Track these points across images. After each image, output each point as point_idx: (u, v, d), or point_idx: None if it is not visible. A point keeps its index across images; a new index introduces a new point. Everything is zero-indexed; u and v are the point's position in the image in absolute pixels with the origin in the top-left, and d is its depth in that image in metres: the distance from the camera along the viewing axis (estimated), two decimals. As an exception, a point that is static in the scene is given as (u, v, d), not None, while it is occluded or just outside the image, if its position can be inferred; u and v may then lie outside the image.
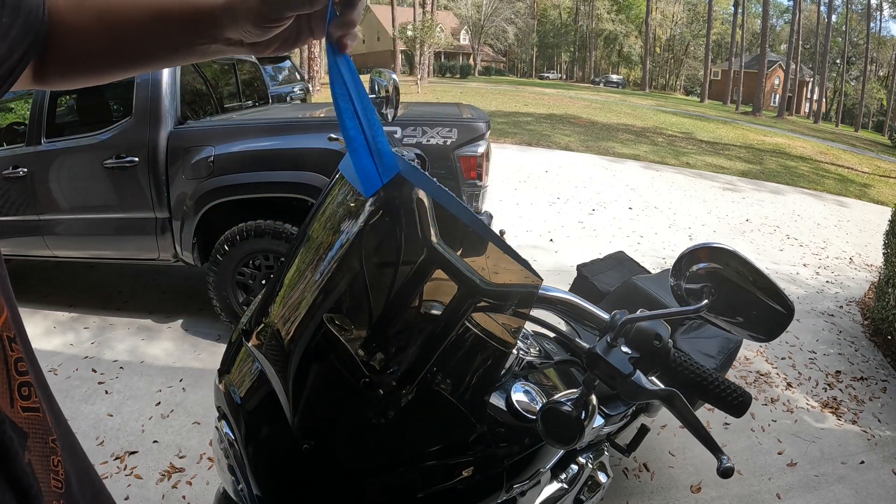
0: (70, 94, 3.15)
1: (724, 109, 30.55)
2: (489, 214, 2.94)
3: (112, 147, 2.78)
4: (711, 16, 39.40)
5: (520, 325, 0.79)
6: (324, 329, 0.82)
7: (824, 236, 6.05)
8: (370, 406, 0.80)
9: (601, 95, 26.99)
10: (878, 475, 2.28)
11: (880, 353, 3.36)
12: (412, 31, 25.42)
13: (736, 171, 9.68)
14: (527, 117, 13.89)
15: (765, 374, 3.00)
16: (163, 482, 2.02)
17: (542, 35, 57.16)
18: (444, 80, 34.10)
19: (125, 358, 2.83)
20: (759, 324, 0.81)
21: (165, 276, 3.83)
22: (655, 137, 12.64)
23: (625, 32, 51.93)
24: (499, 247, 0.75)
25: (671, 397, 0.79)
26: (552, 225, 5.46)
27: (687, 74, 52.81)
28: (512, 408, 0.94)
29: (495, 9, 47.66)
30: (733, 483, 2.17)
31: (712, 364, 1.65)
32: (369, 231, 0.84)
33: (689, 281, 0.81)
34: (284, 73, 9.30)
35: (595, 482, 1.28)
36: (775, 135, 17.10)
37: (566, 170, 8.18)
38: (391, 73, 2.09)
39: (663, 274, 2.04)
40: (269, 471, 0.84)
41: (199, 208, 2.73)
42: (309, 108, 4.32)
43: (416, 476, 0.83)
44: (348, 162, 0.80)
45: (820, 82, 39.87)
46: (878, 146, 21.63)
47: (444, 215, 0.78)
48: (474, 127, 2.81)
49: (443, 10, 44.64)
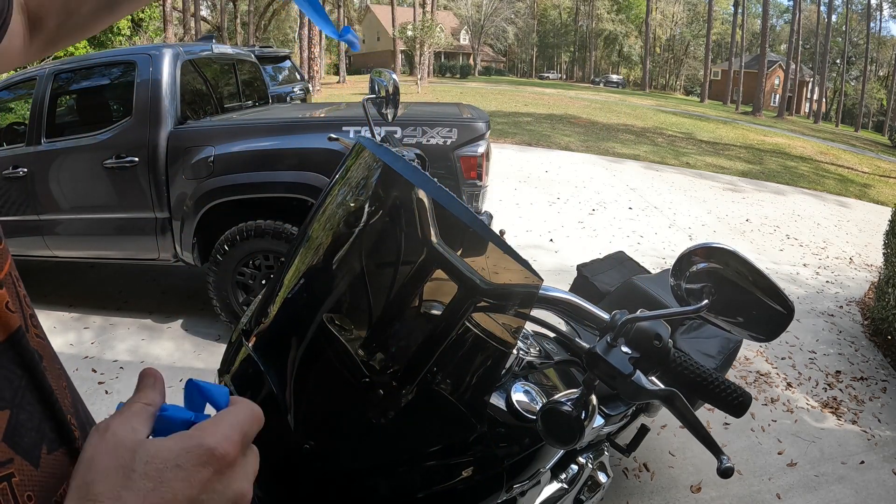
0: (70, 94, 3.15)
1: (724, 109, 30.55)
2: (489, 214, 2.92)
3: (112, 147, 2.78)
4: (711, 16, 39.40)
5: (520, 326, 0.79)
6: (324, 329, 0.82)
7: (824, 236, 6.04)
8: (370, 406, 0.80)
9: (601, 95, 26.99)
10: (878, 475, 2.28)
11: (880, 353, 3.36)
12: (412, 31, 25.43)
13: (736, 171, 9.67)
14: (527, 117, 13.88)
15: (765, 374, 3.00)
16: (163, 482, 2.02)
17: (542, 35, 57.17)
18: (444, 80, 34.11)
19: (125, 358, 2.83)
20: (759, 324, 0.81)
21: (165, 276, 3.83)
22: (655, 137, 12.64)
23: (625, 32, 51.94)
24: (499, 247, 0.75)
25: (671, 397, 0.79)
26: (552, 225, 5.46)
27: (687, 74, 52.81)
28: (512, 408, 0.94)
29: (495, 9, 47.69)
30: (733, 483, 2.17)
31: (712, 364, 1.65)
32: (369, 231, 0.84)
33: (689, 281, 0.81)
34: (284, 73, 9.30)
35: (595, 482, 1.28)
36: (775, 135, 17.10)
37: (566, 170, 8.18)
38: (391, 73, 2.09)
39: (663, 274, 2.05)
40: (270, 471, 0.84)
41: (199, 208, 2.73)
42: (309, 108, 4.32)
43: (417, 476, 0.83)
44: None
45: (820, 82, 39.87)
46: (878, 146, 21.63)
47: (444, 215, 0.78)
48: (474, 127, 2.80)
49: (443, 10, 44.66)
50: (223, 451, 0.31)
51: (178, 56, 2.91)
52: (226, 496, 0.31)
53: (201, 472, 0.30)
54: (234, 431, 0.33)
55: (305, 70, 18.15)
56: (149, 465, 0.30)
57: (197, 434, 0.32)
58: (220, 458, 0.31)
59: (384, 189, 0.84)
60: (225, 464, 0.31)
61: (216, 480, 0.31)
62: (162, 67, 2.81)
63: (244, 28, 32.02)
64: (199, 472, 0.30)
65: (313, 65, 19.26)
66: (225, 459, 0.31)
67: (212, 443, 0.31)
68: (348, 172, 0.95)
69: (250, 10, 31.39)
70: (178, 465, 0.30)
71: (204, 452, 0.31)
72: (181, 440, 0.31)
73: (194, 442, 0.31)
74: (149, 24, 19.64)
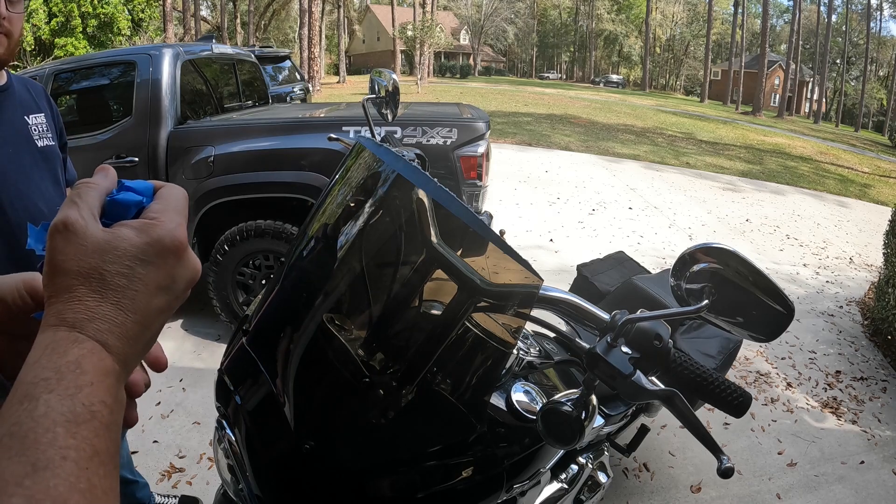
0: (70, 95, 3.15)
1: (724, 109, 30.53)
2: (489, 214, 2.92)
3: (112, 147, 2.78)
4: (711, 16, 39.39)
5: (520, 326, 0.79)
6: (324, 329, 0.82)
7: (824, 236, 6.04)
8: (370, 406, 0.80)
9: (601, 95, 26.99)
10: (878, 475, 2.28)
11: (880, 353, 3.36)
12: (412, 31, 25.44)
13: (736, 171, 9.67)
14: (527, 117, 13.88)
15: (765, 374, 3.00)
16: (163, 482, 2.02)
17: (542, 35, 57.15)
18: (444, 80, 34.10)
19: (125, 358, 2.83)
20: (760, 324, 0.81)
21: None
22: (655, 137, 12.64)
23: (625, 32, 51.91)
24: (499, 247, 0.75)
25: (671, 397, 0.79)
26: (552, 225, 5.46)
27: (687, 74, 52.79)
28: (512, 408, 0.94)
29: (495, 9, 47.68)
30: (733, 483, 2.17)
31: (712, 364, 1.65)
32: (369, 231, 0.84)
33: (690, 281, 0.81)
34: (284, 73, 9.30)
35: (595, 482, 1.28)
36: (775, 135, 17.09)
37: (566, 170, 8.18)
38: (391, 73, 2.09)
39: (663, 274, 2.04)
40: (270, 471, 0.84)
41: (199, 208, 2.73)
42: (309, 108, 4.32)
43: (417, 476, 0.83)
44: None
45: (820, 82, 39.85)
46: (878, 146, 21.61)
47: (444, 215, 0.78)
48: (474, 127, 2.80)
49: (443, 10, 44.65)
50: (179, 239, 0.34)
51: (178, 56, 2.91)
52: (186, 277, 0.35)
53: (167, 260, 0.34)
54: (180, 217, 0.36)
55: (305, 70, 18.14)
56: (118, 263, 0.32)
57: (153, 227, 0.34)
58: (179, 246, 0.34)
59: (384, 189, 0.84)
60: (182, 249, 0.35)
61: (177, 265, 0.34)
62: (162, 67, 2.81)
63: (244, 28, 32.02)
64: (165, 261, 0.34)
65: (313, 65, 19.25)
66: (182, 246, 0.35)
67: (167, 234, 0.34)
68: (348, 172, 0.95)
69: (250, 10, 31.40)
70: (144, 260, 0.33)
71: (164, 245, 0.34)
72: (140, 234, 0.33)
73: (154, 235, 0.34)
74: (149, 24, 19.64)
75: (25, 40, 14.79)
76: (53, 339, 0.30)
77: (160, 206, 0.36)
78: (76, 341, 0.30)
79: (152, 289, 0.33)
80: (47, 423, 0.27)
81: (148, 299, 0.33)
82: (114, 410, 0.30)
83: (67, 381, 0.29)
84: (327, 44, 35.51)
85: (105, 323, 0.31)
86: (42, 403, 0.28)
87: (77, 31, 16.58)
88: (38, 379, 0.29)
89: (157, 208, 0.36)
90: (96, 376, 0.30)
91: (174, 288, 0.35)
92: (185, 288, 0.36)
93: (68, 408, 0.28)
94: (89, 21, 16.80)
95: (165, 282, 0.34)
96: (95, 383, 0.30)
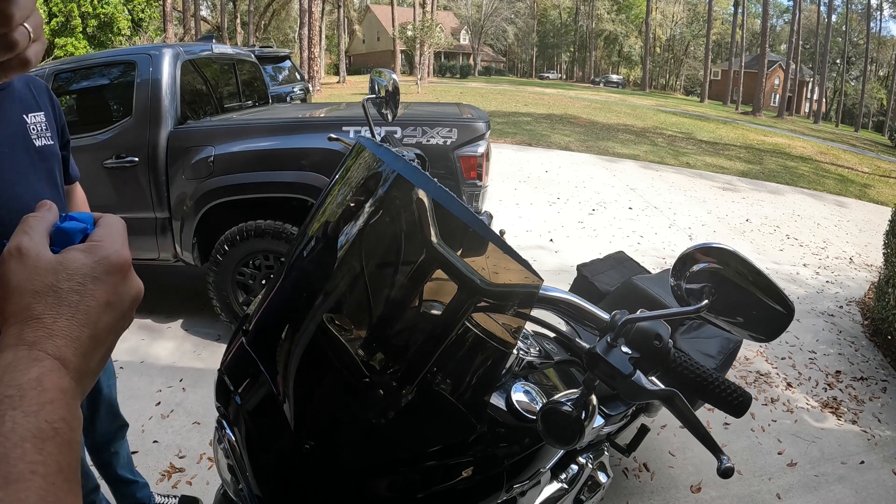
0: (70, 94, 3.15)
1: (724, 109, 30.53)
2: (489, 214, 2.92)
3: (112, 147, 2.78)
4: (711, 16, 39.37)
5: (520, 326, 0.79)
6: (324, 329, 0.82)
7: (824, 236, 6.04)
8: (370, 406, 0.80)
9: (601, 95, 26.98)
10: (878, 475, 2.28)
11: (880, 353, 3.36)
12: (412, 31, 25.44)
13: (736, 171, 9.67)
14: (526, 117, 13.88)
15: (765, 374, 3.00)
16: (163, 482, 2.02)
17: (542, 35, 57.13)
18: (444, 80, 34.10)
19: (125, 358, 2.83)
20: (760, 324, 0.81)
21: (165, 276, 3.83)
22: (655, 137, 12.64)
23: (625, 32, 51.90)
24: (499, 247, 0.75)
25: (671, 397, 0.79)
26: (552, 225, 5.46)
27: (687, 74, 52.78)
28: (512, 408, 0.94)
29: (495, 9, 47.67)
30: (733, 483, 2.17)
31: (712, 364, 1.65)
32: (369, 231, 0.84)
33: (690, 281, 0.81)
34: (284, 73, 9.31)
35: (595, 482, 1.28)
36: (775, 135, 17.09)
37: (566, 170, 8.18)
38: (391, 73, 2.09)
39: (663, 274, 2.04)
40: (270, 471, 0.84)
41: (199, 208, 2.73)
42: (309, 108, 4.32)
43: (417, 476, 0.83)
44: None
45: (820, 82, 39.84)
46: (878, 146, 21.61)
47: (444, 215, 0.78)
48: (474, 127, 2.80)
49: (443, 10, 44.65)
50: (124, 258, 0.38)
51: (178, 56, 2.91)
52: (130, 294, 0.39)
53: (114, 277, 0.37)
54: (122, 239, 0.40)
55: (305, 70, 18.14)
56: (71, 280, 0.35)
57: (100, 247, 0.38)
58: (124, 264, 0.38)
59: (384, 189, 0.84)
60: (127, 267, 0.38)
61: (122, 283, 0.38)
62: (162, 67, 2.81)
63: (244, 28, 32.02)
64: (112, 279, 0.37)
65: (313, 65, 19.24)
66: (127, 264, 0.38)
67: (114, 254, 0.38)
68: (348, 172, 0.95)
69: (250, 9, 31.40)
70: (94, 277, 0.36)
71: (111, 263, 0.37)
72: (89, 255, 0.37)
73: (101, 254, 0.37)
74: (149, 24, 19.65)
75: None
76: (14, 358, 0.32)
77: (103, 231, 0.40)
78: (36, 359, 0.32)
79: (102, 304, 0.36)
80: (15, 438, 0.28)
81: (99, 314, 0.36)
82: (73, 428, 0.32)
83: (30, 399, 0.30)
84: (327, 44, 35.51)
85: (62, 339, 0.33)
86: (9, 419, 0.29)
87: (77, 31, 16.58)
88: (2, 396, 0.30)
89: (100, 233, 0.39)
90: (56, 394, 0.31)
91: (120, 305, 0.38)
92: (131, 307, 0.39)
93: (33, 424, 0.29)
94: (89, 21, 16.81)
95: (113, 298, 0.37)
96: (56, 401, 0.31)
